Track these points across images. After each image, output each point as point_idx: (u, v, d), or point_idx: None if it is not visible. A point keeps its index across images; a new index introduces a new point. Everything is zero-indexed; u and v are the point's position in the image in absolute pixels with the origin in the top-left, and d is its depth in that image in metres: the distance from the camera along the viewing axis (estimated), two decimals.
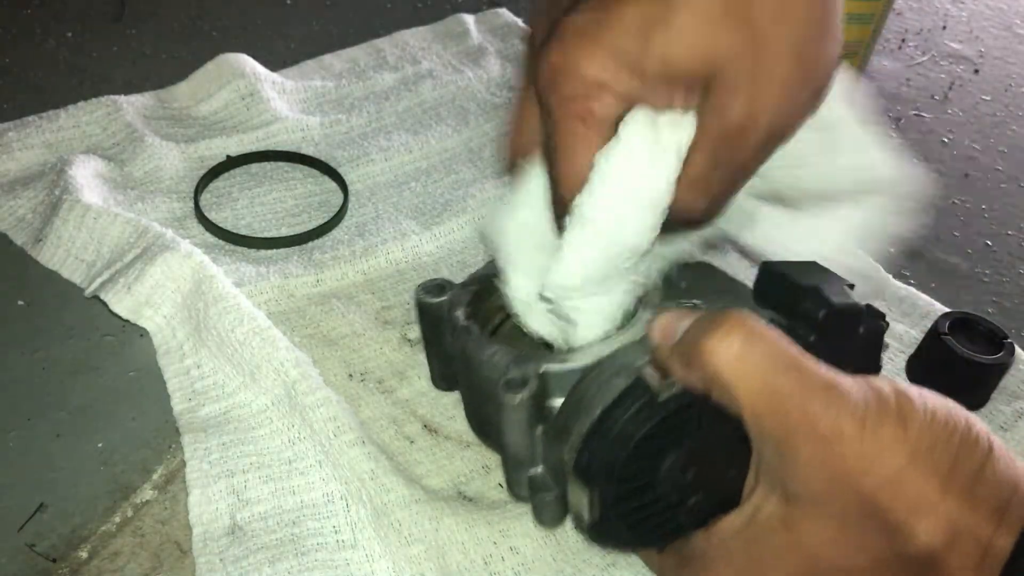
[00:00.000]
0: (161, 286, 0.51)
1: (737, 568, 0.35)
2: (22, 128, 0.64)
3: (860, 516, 0.31)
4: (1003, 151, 0.79)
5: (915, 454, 0.31)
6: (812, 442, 0.31)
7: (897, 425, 0.31)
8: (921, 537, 0.30)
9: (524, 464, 0.40)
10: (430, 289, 0.45)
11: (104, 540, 0.43)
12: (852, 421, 0.31)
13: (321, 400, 0.47)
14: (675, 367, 0.34)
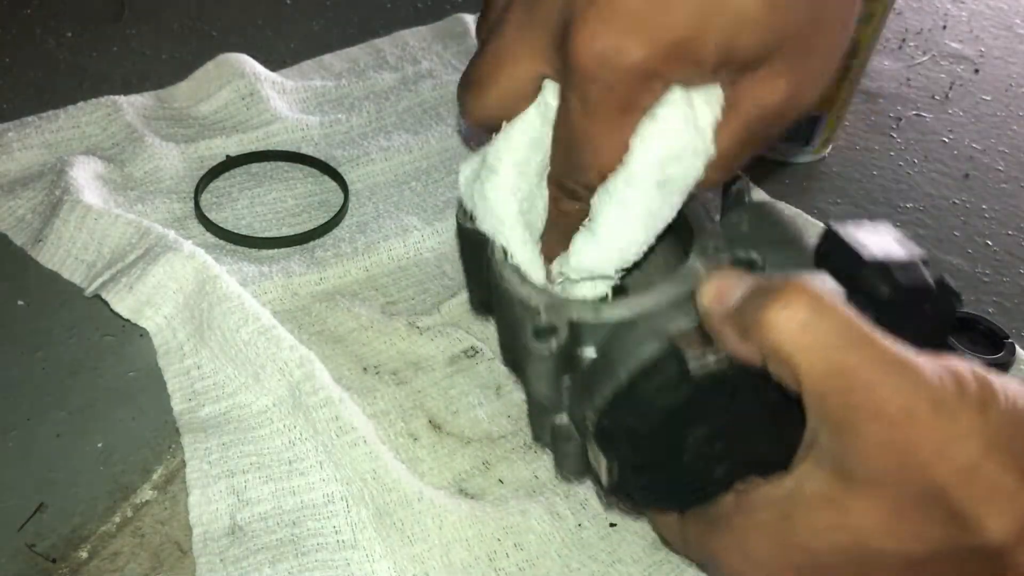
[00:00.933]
0: (163, 286, 0.51)
1: (771, 541, 0.33)
2: (22, 128, 0.63)
3: (923, 503, 0.29)
4: (1003, 151, 0.79)
5: (993, 443, 0.28)
6: (879, 423, 0.29)
7: (976, 411, 0.29)
8: (992, 530, 0.28)
9: (548, 411, 0.39)
10: (470, 211, 0.41)
11: (104, 540, 0.43)
12: (926, 403, 0.28)
13: (324, 400, 0.47)
14: (727, 336, 0.32)
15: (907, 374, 0.29)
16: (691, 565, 0.44)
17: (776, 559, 0.32)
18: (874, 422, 0.29)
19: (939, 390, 0.29)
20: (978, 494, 0.28)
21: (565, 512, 0.45)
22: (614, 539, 0.45)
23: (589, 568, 0.44)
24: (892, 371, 0.29)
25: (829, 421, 0.30)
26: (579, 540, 0.45)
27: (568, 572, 0.43)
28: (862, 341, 0.29)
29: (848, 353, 0.29)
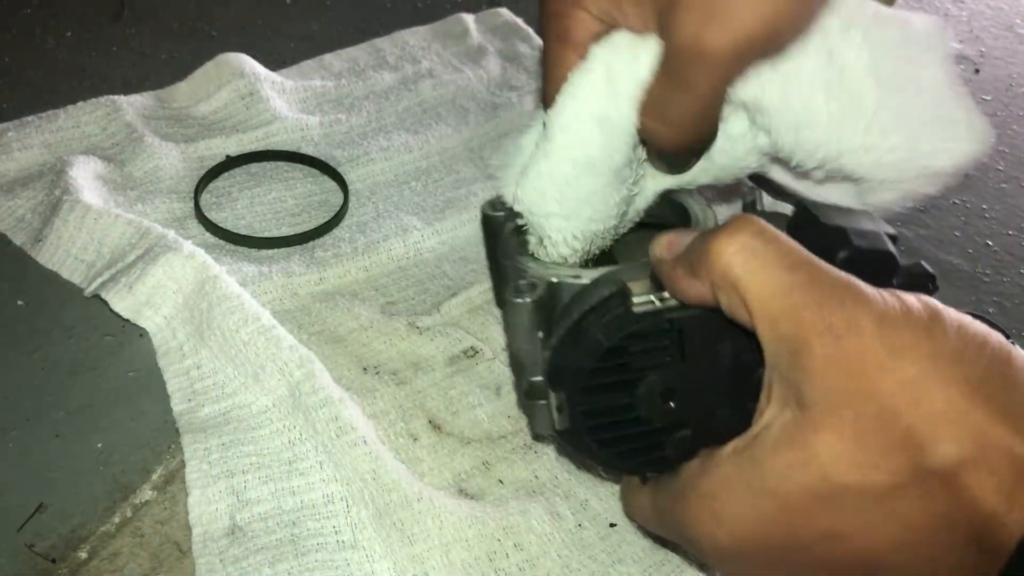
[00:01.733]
0: (162, 286, 0.51)
1: (739, 495, 0.32)
2: (21, 128, 0.63)
3: (877, 427, 0.29)
4: (1003, 151, 0.79)
5: (939, 359, 0.29)
6: (826, 338, 0.29)
7: (922, 330, 0.29)
8: (941, 448, 0.28)
9: (527, 371, 0.39)
10: (495, 204, 0.43)
11: (104, 540, 0.43)
12: (870, 318, 0.29)
13: (324, 400, 0.47)
14: (678, 279, 0.33)
15: (851, 292, 0.30)
16: (691, 565, 0.44)
17: (747, 515, 0.32)
18: (822, 339, 0.29)
19: (884, 307, 0.29)
20: (926, 410, 0.28)
21: (565, 512, 0.45)
22: (614, 539, 0.45)
23: (589, 568, 0.44)
24: (837, 289, 0.30)
25: (782, 344, 0.30)
26: (579, 540, 0.45)
27: (568, 572, 0.43)
28: (807, 263, 0.30)
29: (795, 273, 0.30)
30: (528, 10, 0.85)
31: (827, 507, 0.30)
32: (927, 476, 0.29)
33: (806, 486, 0.30)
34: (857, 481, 0.29)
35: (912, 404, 0.28)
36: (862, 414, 0.29)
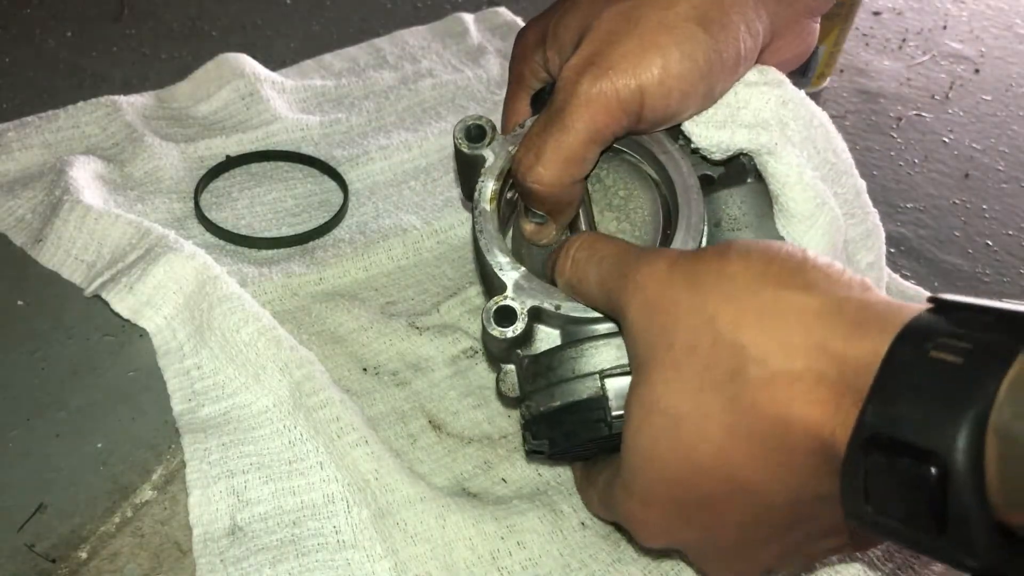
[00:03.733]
0: (163, 287, 0.51)
1: (635, 470, 0.35)
2: (22, 128, 0.63)
3: (689, 353, 0.32)
4: (1003, 151, 0.79)
5: (732, 279, 0.32)
6: (636, 296, 0.34)
7: (712, 259, 0.33)
8: (751, 368, 0.30)
9: (498, 360, 0.44)
10: (470, 131, 0.44)
11: (104, 540, 0.43)
12: (664, 264, 0.34)
13: (325, 400, 0.47)
14: (568, 293, 0.40)
15: (648, 254, 0.35)
16: (690, 565, 0.44)
17: (647, 484, 0.35)
18: (632, 295, 0.35)
19: (676, 254, 0.34)
20: (730, 333, 0.31)
21: (567, 511, 0.45)
22: (615, 538, 0.45)
23: (590, 567, 0.44)
24: (639, 257, 0.36)
25: (621, 325, 0.36)
26: (581, 539, 0.45)
27: (570, 571, 0.43)
28: (614, 253, 0.37)
29: (602, 264, 0.37)
30: (528, 10, 0.85)
31: (683, 445, 0.33)
32: (746, 393, 0.31)
33: (660, 435, 0.33)
34: (691, 408, 0.32)
35: (713, 327, 0.31)
36: (674, 345, 0.32)
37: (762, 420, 0.30)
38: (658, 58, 0.37)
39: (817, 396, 0.29)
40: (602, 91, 0.37)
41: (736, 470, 0.32)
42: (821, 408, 0.29)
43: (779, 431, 0.30)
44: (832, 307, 0.30)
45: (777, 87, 0.41)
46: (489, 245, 0.42)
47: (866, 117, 0.81)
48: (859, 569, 0.45)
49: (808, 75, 0.81)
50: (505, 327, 0.39)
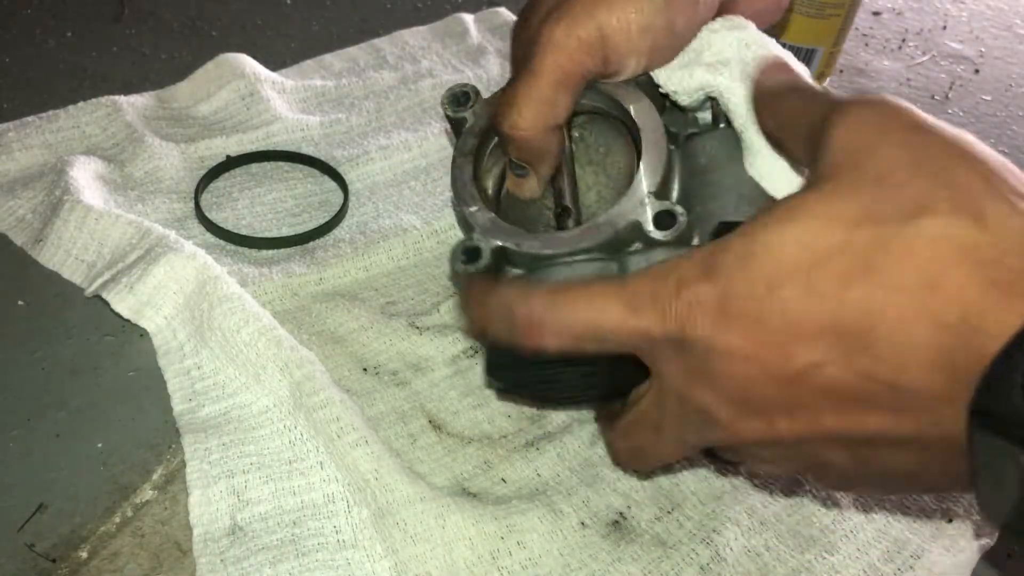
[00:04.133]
0: (163, 287, 0.51)
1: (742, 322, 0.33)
2: (22, 128, 0.63)
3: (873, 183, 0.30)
4: (1003, 151, 0.79)
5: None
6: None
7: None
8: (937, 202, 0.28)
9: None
10: (456, 97, 0.47)
11: (104, 540, 0.43)
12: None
13: (325, 400, 0.47)
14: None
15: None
16: (690, 564, 0.44)
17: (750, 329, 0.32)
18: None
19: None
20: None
21: (567, 510, 0.45)
22: (615, 537, 0.45)
23: (591, 567, 0.44)
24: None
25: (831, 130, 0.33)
26: (581, 538, 0.45)
27: (570, 570, 0.43)
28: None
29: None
30: None
31: (807, 288, 0.30)
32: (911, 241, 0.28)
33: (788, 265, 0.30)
34: (841, 239, 0.29)
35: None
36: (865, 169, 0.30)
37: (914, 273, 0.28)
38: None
39: (981, 277, 0.27)
40: (562, 34, 0.39)
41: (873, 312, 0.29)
42: (980, 291, 0.27)
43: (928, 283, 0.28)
44: None
45: (741, 30, 0.42)
46: (462, 192, 0.44)
47: None
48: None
49: None
50: (469, 264, 0.41)
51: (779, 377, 0.31)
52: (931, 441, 0.29)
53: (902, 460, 0.31)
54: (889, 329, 0.28)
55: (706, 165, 0.42)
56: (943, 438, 0.29)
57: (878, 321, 0.28)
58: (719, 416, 0.33)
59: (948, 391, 0.28)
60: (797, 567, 0.45)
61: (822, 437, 0.32)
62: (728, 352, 0.32)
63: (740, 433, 0.33)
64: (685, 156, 0.43)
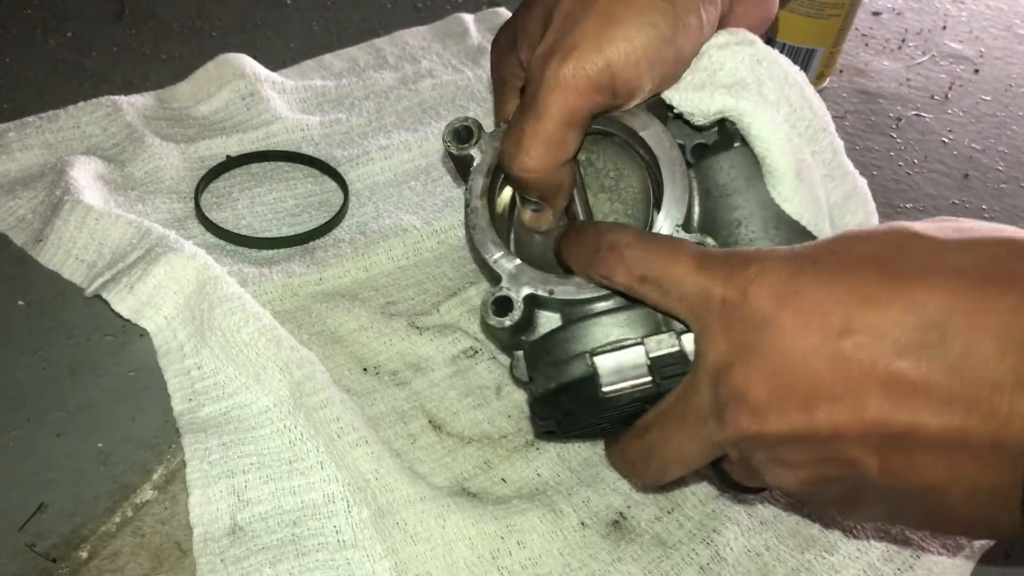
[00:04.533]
0: (163, 287, 0.51)
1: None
2: (22, 128, 0.63)
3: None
4: (1003, 151, 0.79)
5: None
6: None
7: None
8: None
9: (508, 348, 0.46)
10: (458, 133, 0.46)
11: (104, 540, 0.43)
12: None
13: (325, 400, 0.47)
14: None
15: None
16: (690, 564, 0.44)
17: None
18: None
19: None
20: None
21: (568, 510, 0.45)
22: (615, 537, 0.45)
23: (591, 567, 0.44)
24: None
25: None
26: (581, 538, 0.45)
27: (570, 570, 0.43)
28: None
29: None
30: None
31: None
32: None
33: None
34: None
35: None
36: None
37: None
38: (619, 31, 0.37)
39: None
40: (570, 72, 0.37)
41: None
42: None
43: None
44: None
45: (749, 45, 0.41)
46: (482, 240, 0.43)
47: (866, 117, 0.81)
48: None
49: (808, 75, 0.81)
50: (503, 316, 0.41)
51: (829, 357, 0.30)
52: (979, 441, 0.28)
53: (935, 470, 0.30)
54: (964, 320, 0.29)
55: (725, 187, 0.42)
56: (994, 438, 0.28)
57: (955, 314, 0.29)
58: (754, 397, 0.32)
59: (1015, 376, 0.28)
60: (797, 567, 0.45)
61: (860, 432, 0.30)
62: (782, 327, 0.31)
63: (769, 423, 0.32)
64: (700, 176, 0.43)
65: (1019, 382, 0.27)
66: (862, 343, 0.30)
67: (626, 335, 0.39)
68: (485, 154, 0.45)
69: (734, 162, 0.42)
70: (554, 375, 0.40)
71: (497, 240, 0.43)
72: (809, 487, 0.34)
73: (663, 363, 0.38)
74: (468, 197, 0.44)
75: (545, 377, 0.41)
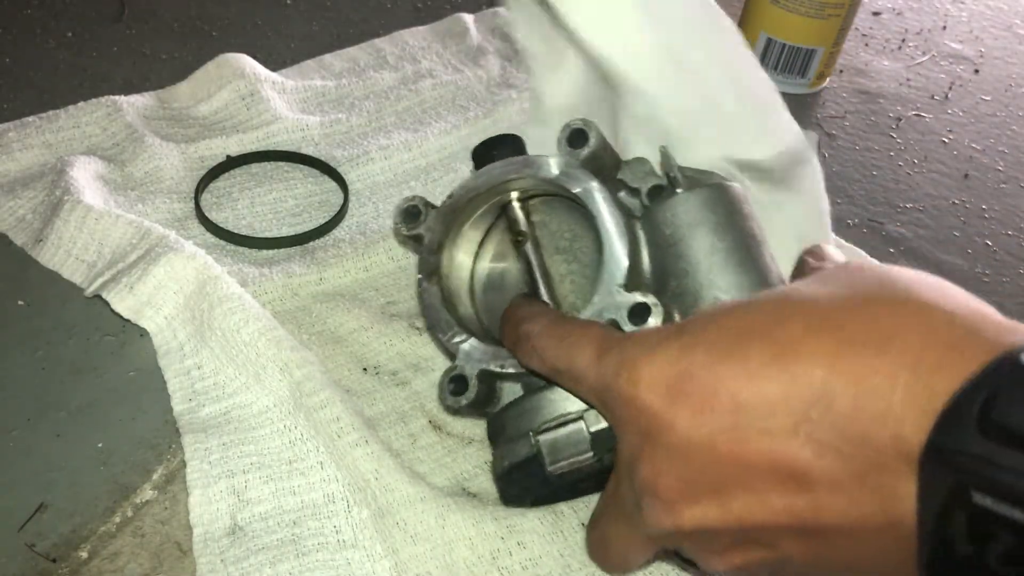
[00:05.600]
0: (164, 287, 0.51)
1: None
2: (22, 128, 0.63)
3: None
4: (1003, 151, 0.79)
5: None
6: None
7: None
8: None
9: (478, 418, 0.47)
10: (408, 212, 0.47)
11: (104, 540, 0.43)
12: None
13: (325, 400, 0.47)
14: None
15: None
16: (684, 571, 0.44)
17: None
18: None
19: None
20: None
21: (567, 512, 0.45)
22: None
23: (591, 568, 0.44)
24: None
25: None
26: (582, 539, 0.45)
27: (570, 571, 0.43)
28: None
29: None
30: None
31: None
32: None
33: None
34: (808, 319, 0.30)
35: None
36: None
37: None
38: None
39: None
40: None
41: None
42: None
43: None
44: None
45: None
46: (435, 320, 0.45)
47: (866, 117, 0.81)
48: None
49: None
50: (459, 396, 0.42)
51: (726, 441, 0.30)
52: (875, 523, 0.28)
53: (851, 551, 0.29)
54: (846, 387, 0.28)
55: (671, 236, 0.41)
56: (888, 518, 0.27)
57: (836, 380, 0.28)
58: (663, 491, 0.32)
59: (895, 450, 0.27)
60: None
61: (773, 521, 0.30)
62: (676, 414, 0.31)
63: (683, 517, 0.31)
64: (648, 226, 0.42)
65: (899, 455, 0.27)
66: (754, 425, 0.29)
67: (569, 409, 0.39)
68: (433, 232, 0.46)
69: (675, 210, 0.41)
70: (507, 454, 0.41)
71: (449, 320, 0.44)
72: (741, 571, 0.33)
73: (602, 437, 0.38)
74: (419, 277, 0.46)
75: (500, 455, 0.42)
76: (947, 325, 0.28)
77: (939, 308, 0.28)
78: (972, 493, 0.24)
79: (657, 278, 0.41)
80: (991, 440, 0.24)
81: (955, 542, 0.25)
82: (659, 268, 0.41)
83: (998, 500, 0.24)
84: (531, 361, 0.38)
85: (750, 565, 0.32)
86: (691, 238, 0.40)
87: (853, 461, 0.27)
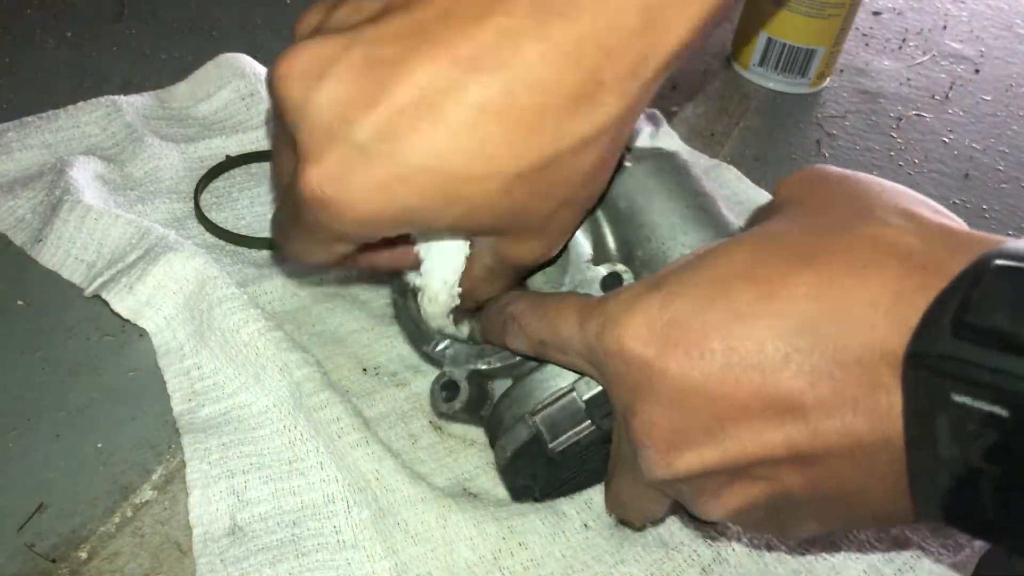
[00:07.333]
0: (163, 287, 0.51)
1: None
2: (21, 128, 0.63)
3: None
4: (1003, 151, 0.79)
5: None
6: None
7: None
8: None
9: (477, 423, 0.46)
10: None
11: (104, 540, 0.43)
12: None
13: (325, 401, 0.47)
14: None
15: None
16: (692, 565, 0.44)
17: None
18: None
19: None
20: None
21: (570, 511, 0.45)
22: (618, 539, 0.45)
23: (593, 569, 0.44)
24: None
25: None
26: (584, 540, 0.45)
27: (572, 572, 0.43)
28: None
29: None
30: None
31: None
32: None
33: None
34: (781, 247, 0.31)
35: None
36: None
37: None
38: None
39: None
40: None
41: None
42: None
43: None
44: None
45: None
46: (414, 333, 0.45)
47: (866, 117, 0.81)
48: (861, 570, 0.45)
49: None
50: (452, 400, 0.42)
51: (719, 382, 0.30)
52: (871, 441, 0.29)
53: (850, 474, 0.30)
54: (831, 314, 0.29)
55: (628, 208, 0.42)
56: (882, 436, 0.28)
57: (821, 309, 0.29)
58: (658, 439, 0.32)
59: (885, 367, 0.28)
60: (798, 567, 0.45)
61: (771, 454, 0.30)
62: (666, 363, 0.31)
63: (680, 461, 0.32)
64: (605, 206, 0.43)
65: (888, 371, 0.28)
66: (746, 362, 0.29)
67: (560, 384, 0.39)
68: None
69: (627, 184, 0.42)
70: (508, 443, 0.41)
71: (429, 330, 0.45)
72: (739, 513, 0.33)
73: (597, 403, 0.38)
74: (393, 295, 0.46)
75: (501, 448, 0.42)
76: (921, 245, 0.29)
77: (910, 232, 0.29)
78: (951, 394, 0.25)
79: (623, 252, 0.42)
80: (964, 340, 0.25)
81: (939, 444, 0.26)
82: (622, 242, 0.42)
83: (976, 397, 0.25)
84: (518, 341, 0.39)
85: (750, 506, 0.33)
86: (648, 205, 0.41)
87: (845, 384, 0.28)
